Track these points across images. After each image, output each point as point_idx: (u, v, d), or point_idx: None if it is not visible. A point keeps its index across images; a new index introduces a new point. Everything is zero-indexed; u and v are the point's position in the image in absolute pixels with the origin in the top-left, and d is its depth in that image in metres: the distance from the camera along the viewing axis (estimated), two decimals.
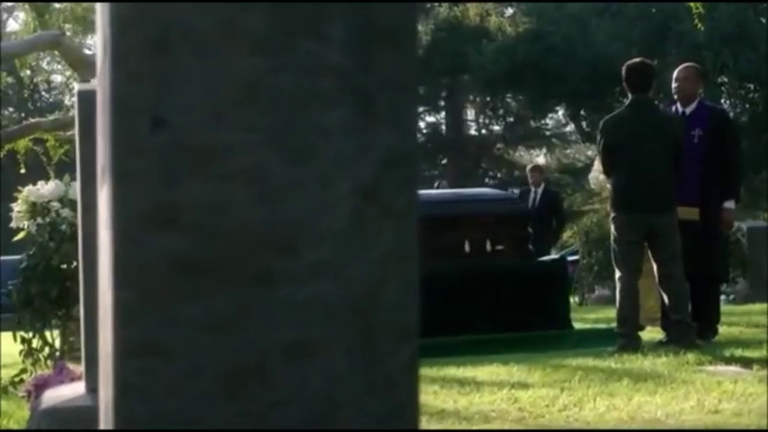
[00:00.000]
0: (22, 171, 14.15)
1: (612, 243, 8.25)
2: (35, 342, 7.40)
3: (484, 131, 39.97)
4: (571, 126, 35.44)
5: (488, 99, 35.27)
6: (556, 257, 9.94)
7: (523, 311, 9.04)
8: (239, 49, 1.55)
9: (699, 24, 12.38)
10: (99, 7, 1.70)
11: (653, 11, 27.77)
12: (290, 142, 1.56)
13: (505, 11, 31.10)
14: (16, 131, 13.87)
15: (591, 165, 15.10)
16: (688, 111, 8.62)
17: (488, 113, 38.84)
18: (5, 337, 7.97)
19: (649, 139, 8.02)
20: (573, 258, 26.13)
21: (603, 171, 8.38)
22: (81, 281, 4.41)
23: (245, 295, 1.55)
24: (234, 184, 1.55)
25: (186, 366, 1.55)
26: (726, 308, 14.29)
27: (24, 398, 5.97)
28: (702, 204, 8.35)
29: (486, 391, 6.00)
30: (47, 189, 8.83)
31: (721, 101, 29.89)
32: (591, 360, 7.11)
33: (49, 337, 7.67)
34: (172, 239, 1.56)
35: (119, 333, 1.61)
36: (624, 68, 8.39)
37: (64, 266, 7.67)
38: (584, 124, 30.78)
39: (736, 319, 11.11)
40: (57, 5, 15.34)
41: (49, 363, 7.22)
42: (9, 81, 12.47)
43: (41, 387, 5.35)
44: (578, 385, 5.93)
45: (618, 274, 8.10)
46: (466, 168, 35.52)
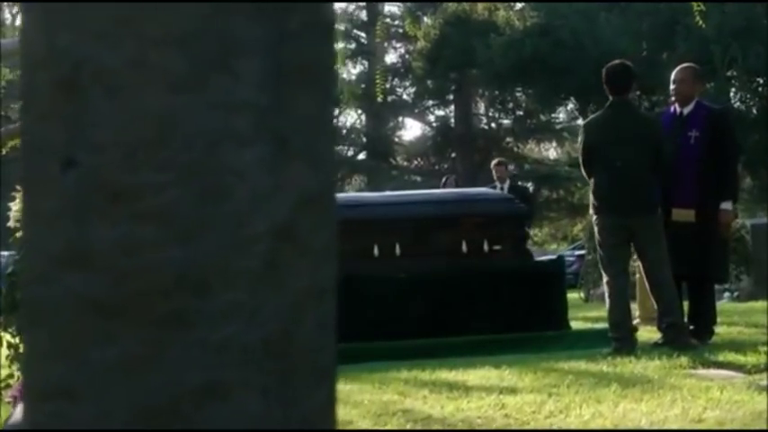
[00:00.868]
0: None
1: (597, 247, 8.23)
2: (22, 347, 7.36)
3: (493, 125, 39.90)
4: (581, 120, 35.36)
5: (497, 93, 35.17)
6: (553, 258, 9.88)
7: (520, 312, 9.01)
8: (151, 87, 1.53)
9: (700, 22, 12.30)
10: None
11: (660, 6, 27.64)
12: (203, 181, 1.54)
13: (513, 5, 31.01)
14: (17, 128, 13.85)
15: None
16: (686, 111, 8.57)
17: (497, 107, 38.77)
18: None
19: (629, 141, 7.99)
20: (580, 253, 26.09)
21: (584, 173, 8.34)
22: None
23: (157, 337, 1.53)
24: (146, 224, 1.53)
25: (97, 409, 1.53)
26: (728, 306, 14.28)
27: (10, 403, 5.95)
28: (699, 206, 8.31)
29: (475, 396, 5.97)
30: None
31: (731, 94, 29.82)
32: (583, 363, 7.07)
33: None
34: (84, 280, 1.54)
35: (30, 374, 1.59)
36: (604, 71, 8.34)
37: None
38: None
39: (737, 319, 11.06)
40: None
41: None
42: (11, 78, 12.44)
43: None
44: (567, 391, 5.90)
45: (605, 278, 8.07)
46: (475, 162, 35.42)
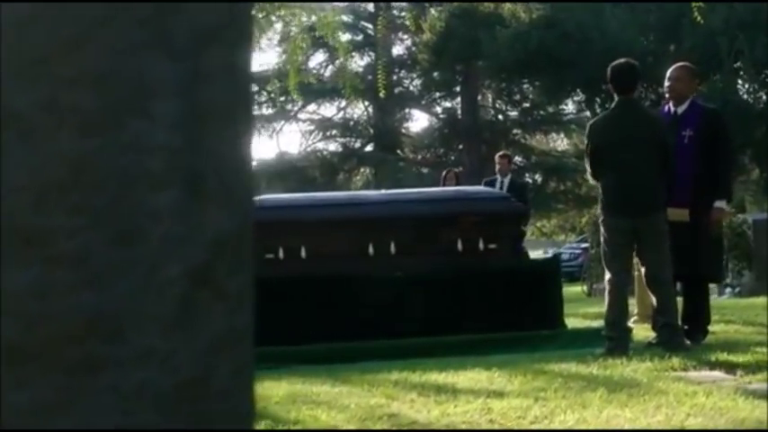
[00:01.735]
0: None
1: (602, 245, 8.20)
2: None
3: (500, 117, 39.82)
4: (588, 112, 35.29)
5: (504, 85, 35.08)
6: (549, 257, 9.85)
7: (516, 311, 8.99)
8: (64, 129, 1.51)
9: (699, 18, 12.27)
10: None
11: None
12: (116, 225, 1.52)
13: None
14: None
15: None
16: (680, 110, 8.54)
17: (504, 99, 38.70)
18: None
19: (636, 141, 7.95)
20: (586, 245, 26.07)
21: (591, 174, 8.31)
22: None
23: (69, 382, 1.51)
24: (59, 268, 1.51)
25: None
26: (729, 302, 14.27)
27: None
28: (693, 205, 8.28)
29: (462, 399, 5.95)
30: None
31: (738, 85, 29.70)
32: (574, 365, 7.04)
33: None
34: None
35: None
36: (609, 70, 8.30)
37: None
38: (598, 111, 30.55)
39: (736, 316, 11.05)
40: None
41: None
42: None
43: None
44: (554, 395, 5.88)
45: (607, 275, 8.05)
46: (482, 154, 35.38)
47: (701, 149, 8.36)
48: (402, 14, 33.01)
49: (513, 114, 39.22)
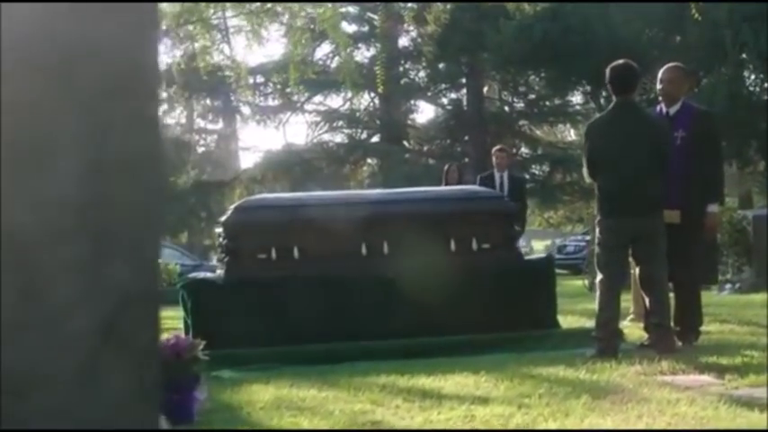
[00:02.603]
0: None
1: (597, 246, 8.16)
2: None
3: (506, 108, 39.76)
4: (593, 104, 35.24)
5: (509, 76, 35.02)
6: (542, 256, 9.82)
7: (509, 311, 8.96)
8: None
9: (697, 15, 12.22)
10: None
11: None
12: (21, 280, 1.50)
13: None
14: None
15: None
16: (672, 111, 8.51)
17: (510, 90, 38.63)
18: None
19: (634, 142, 7.92)
20: (589, 238, 25.99)
21: (589, 174, 8.28)
22: None
23: None
24: None
25: None
26: (729, 298, 14.23)
27: None
28: (684, 207, 8.25)
29: (447, 406, 5.94)
30: None
31: (744, 74, 29.59)
32: (562, 369, 7.02)
33: None
34: None
35: None
36: (608, 71, 8.26)
37: None
38: (603, 103, 30.48)
39: (732, 315, 11.02)
40: None
41: None
42: None
43: None
44: (538, 402, 5.86)
45: (599, 277, 8.03)
46: (488, 146, 35.30)
47: (692, 150, 8.33)
48: (407, 6, 32.87)
49: (518, 106, 39.17)
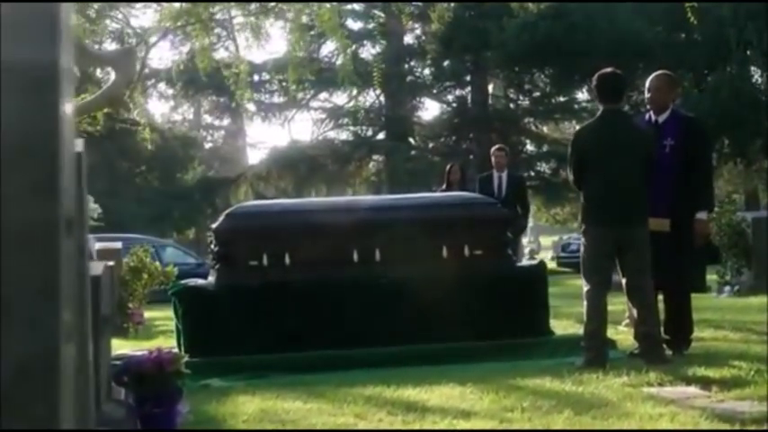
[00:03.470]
0: None
1: (582, 255, 8.14)
2: None
3: (512, 105, 39.72)
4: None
5: (514, 74, 35.00)
6: (535, 263, 9.78)
7: (501, 318, 8.93)
8: None
9: (692, 19, 12.18)
10: None
11: None
12: None
13: None
14: None
15: None
16: (660, 120, 8.49)
17: (515, 87, 38.59)
18: None
19: (621, 151, 7.90)
20: None
21: (574, 182, 8.27)
22: None
23: None
24: None
25: None
26: (727, 301, 14.21)
27: None
28: (673, 215, 8.23)
29: (429, 419, 5.93)
30: None
31: (750, 69, 29.54)
32: (548, 381, 6.99)
33: None
34: None
35: None
36: (594, 79, 8.24)
37: None
38: None
39: (728, 320, 10.99)
40: None
41: None
42: None
43: None
44: (520, 416, 5.85)
45: (586, 287, 8.01)
46: (492, 143, 35.26)
47: (681, 159, 8.31)
48: (406, 6, 32.92)
49: (524, 103, 39.13)
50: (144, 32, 19.25)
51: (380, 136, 41.06)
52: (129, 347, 10.59)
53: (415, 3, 31.47)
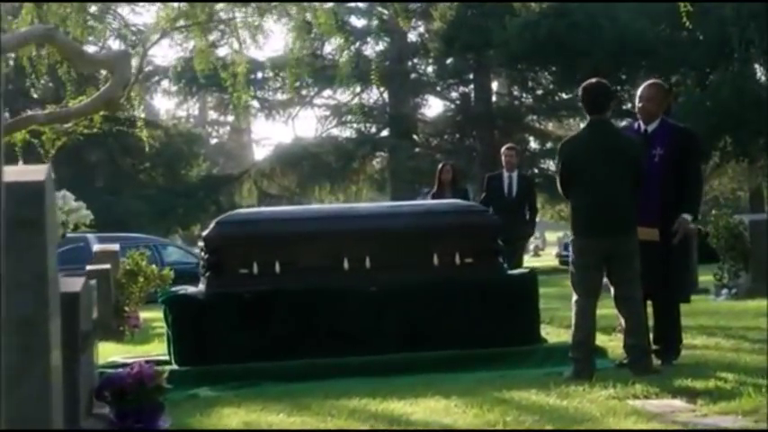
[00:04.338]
0: (19, 163, 14.18)
1: (571, 266, 8.12)
2: None
3: (515, 103, 39.69)
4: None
5: (517, 71, 34.96)
6: (525, 271, 9.75)
7: (491, 326, 8.90)
8: None
9: (686, 22, 12.12)
10: None
11: None
12: None
13: None
14: (12, 124, 13.87)
15: None
16: (650, 129, 8.46)
17: (518, 85, 38.56)
18: None
19: (608, 161, 7.88)
20: None
21: (562, 193, 8.25)
22: None
23: None
24: None
25: None
26: (724, 305, 14.18)
27: None
28: (662, 225, 8.20)
29: None
30: None
31: (752, 68, 29.48)
32: (534, 394, 6.95)
33: None
34: None
35: None
36: (580, 89, 8.23)
37: None
38: None
39: (722, 326, 10.98)
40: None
41: None
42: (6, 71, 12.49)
43: None
44: None
45: (574, 297, 7.99)
46: (495, 140, 35.27)
47: (670, 168, 8.27)
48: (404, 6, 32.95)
49: (527, 101, 39.10)
50: (140, 34, 19.27)
51: (384, 133, 41.07)
52: (122, 353, 10.59)
53: (415, 2, 31.47)
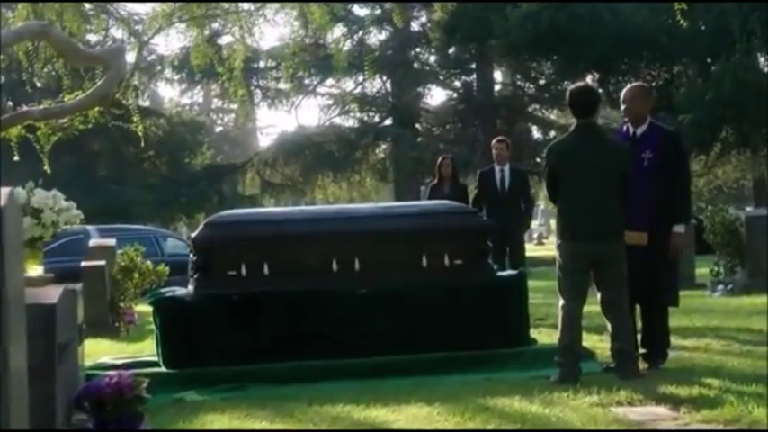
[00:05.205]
0: (15, 158, 14.16)
1: (557, 270, 8.09)
2: None
3: (519, 92, 39.60)
4: (601, 90, 35.08)
5: (519, 61, 34.88)
6: (514, 273, 9.72)
7: (479, 328, 8.89)
8: None
9: (682, 21, 12.09)
10: None
11: None
12: None
13: None
14: (7, 120, 13.87)
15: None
16: (639, 132, 8.42)
17: (521, 75, 38.48)
18: None
19: (595, 165, 7.86)
20: None
21: (549, 198, 8.24)
22: None
23: None
24: None
25: None
26: (720, 301, 14.17)
27: None
28: (651, 229, 8.17)
29: None
30: None
31: (754, 58, 29.37)
32: (517, 401, 6.93)
33: None
34: None
35: None
36: (568, 93, 8.20)
37: None
38: (611, 90, 30.39)
39: (715, 325, 10.96)
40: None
41: None
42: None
43: None
44: None
45: (561, 301, 7.98)
46: (497, 130, 35.21)
47: (659, 172, 8.24)
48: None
49: (529, 90, 39.00)
50: (142, 23, 19.24)
51: (387, 123, 41.00)
52: (114, 352, 10.58)
53: (415, 1, 31.45)
